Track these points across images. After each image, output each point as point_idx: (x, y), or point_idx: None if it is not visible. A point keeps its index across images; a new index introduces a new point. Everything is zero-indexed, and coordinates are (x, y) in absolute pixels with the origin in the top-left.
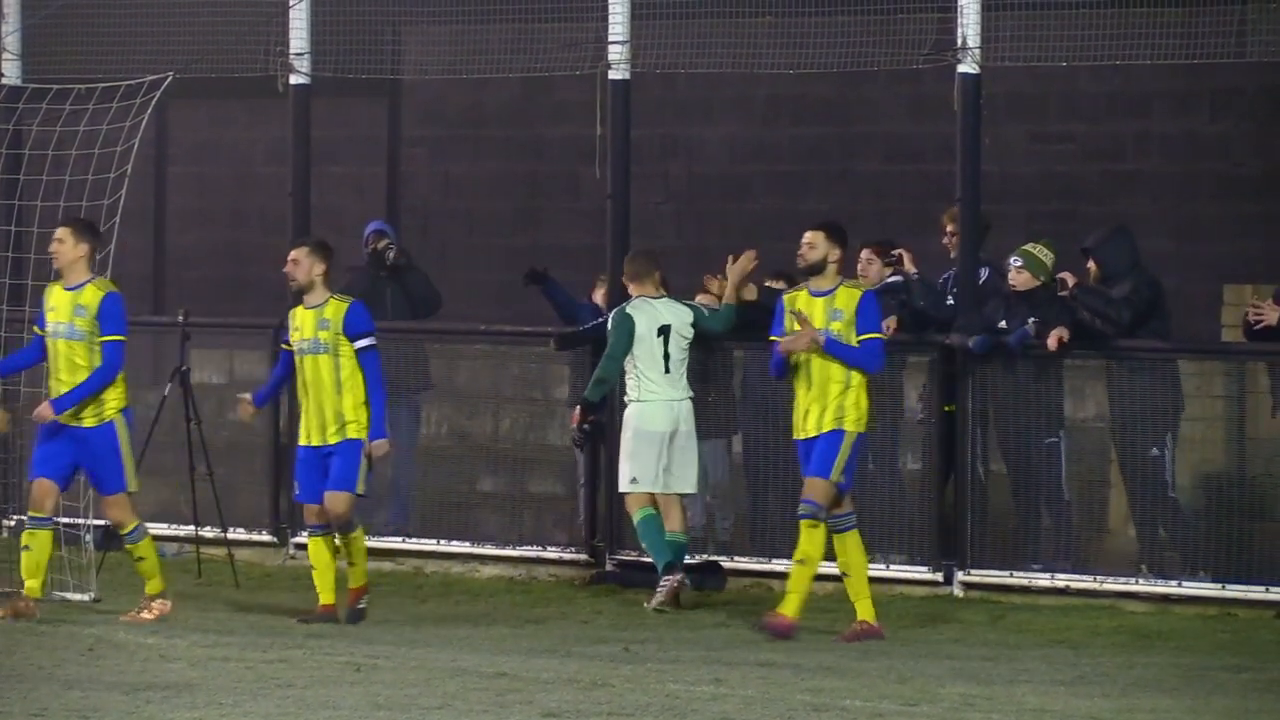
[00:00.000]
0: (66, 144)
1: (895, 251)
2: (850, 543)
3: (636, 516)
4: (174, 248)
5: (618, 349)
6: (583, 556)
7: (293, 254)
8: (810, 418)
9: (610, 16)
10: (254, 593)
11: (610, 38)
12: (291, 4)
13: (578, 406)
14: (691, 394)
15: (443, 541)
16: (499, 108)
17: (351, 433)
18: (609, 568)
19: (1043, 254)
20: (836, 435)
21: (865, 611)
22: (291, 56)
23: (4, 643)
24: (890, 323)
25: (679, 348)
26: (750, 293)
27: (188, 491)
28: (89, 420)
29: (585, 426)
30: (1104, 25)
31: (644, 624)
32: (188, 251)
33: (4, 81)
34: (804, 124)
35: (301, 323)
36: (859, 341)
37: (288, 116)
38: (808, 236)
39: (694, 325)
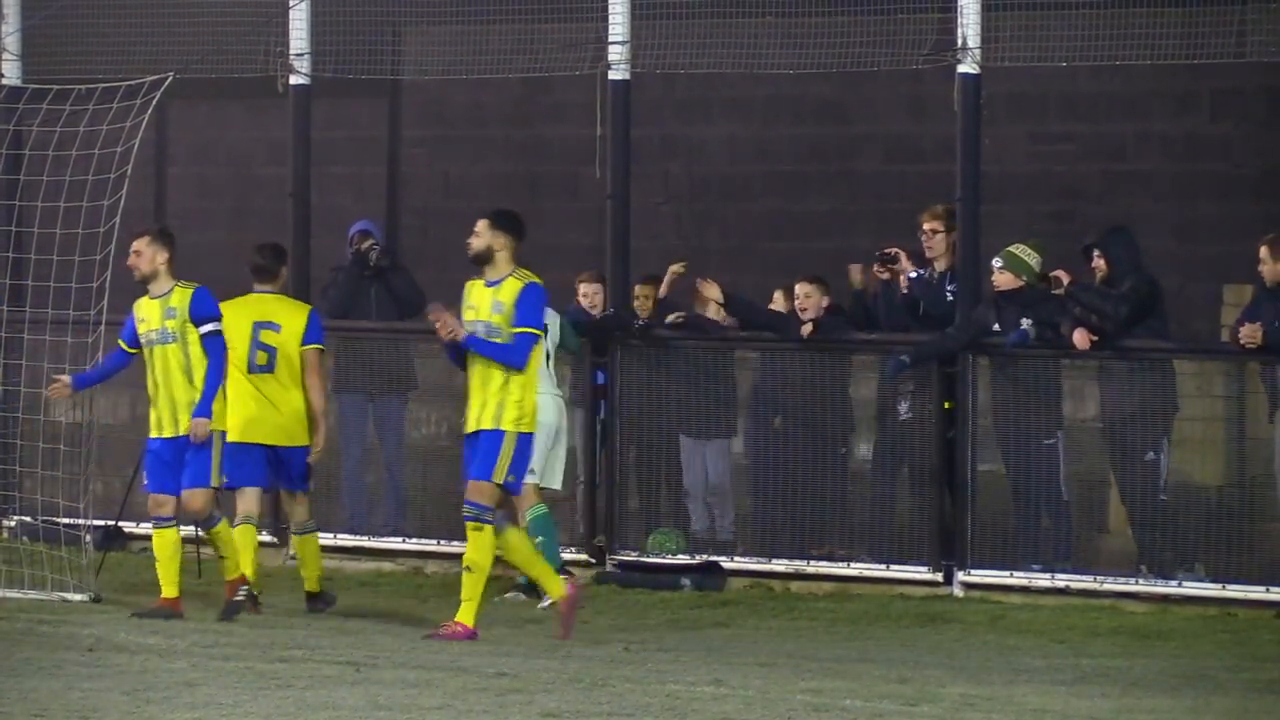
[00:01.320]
0: (67, 144)
1: (891, 250)
2: (484, 541)
3: (532, 514)
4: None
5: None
6: (583, 556)
7: (135, 244)
8: (472, 412)
9: (610, 17)
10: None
11: (610, 38)
12: (292, 5)
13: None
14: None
15: (442, 542)
16: (499, 108)
17: None
18: (609, 568)
19: (1026, 254)
20: (497, 435)
21: (466, 614)
22: (292, 57)
23: (4, 644)
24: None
25: (554, 345)
26: (712, 291)
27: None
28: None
29: None
30: (1103, 26)
31: (644, 624)
32: (188, 251)
33: (4, 82)
34: (804, 124)
35: (147, 313)
36: (512, 336)
37: (288, 117)
38: (476, 225)
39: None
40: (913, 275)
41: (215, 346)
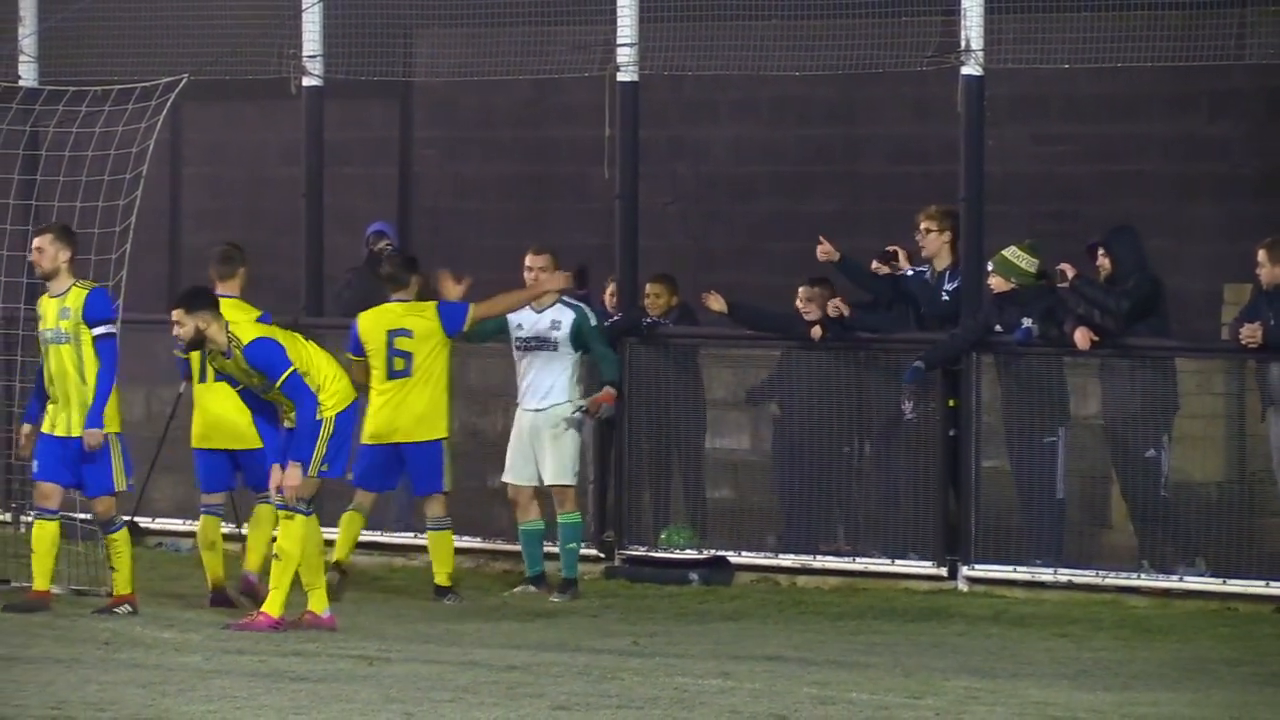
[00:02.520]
0: (83, 145)
1: (891, 248)
2: (294, 530)
3: (566, 519)
4: (189, 247)
5: None
6: (592, 551)
7: (36, 241)
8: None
9: (619, 19)
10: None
11: (619, 40)
12: (305, 7)
13: (608, 388)
14: None
15: (464, 537)
16: (509, 109)
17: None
18: (618, 563)
19: (1016, 257)
20: (317, 424)
21: (273, 604)
22: (305, 59)
23: (22, 637)
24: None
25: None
26: (717, 303)
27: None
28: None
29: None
30: (1104, 28)
31: (653, 618)
32: (202, 251)
33: (21, 83)
34: (809, 125)
35: (45, 311)
36: (93, 339)
37: (301, 118)
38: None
39: None
40: (909, 273)
41: (106, 349)
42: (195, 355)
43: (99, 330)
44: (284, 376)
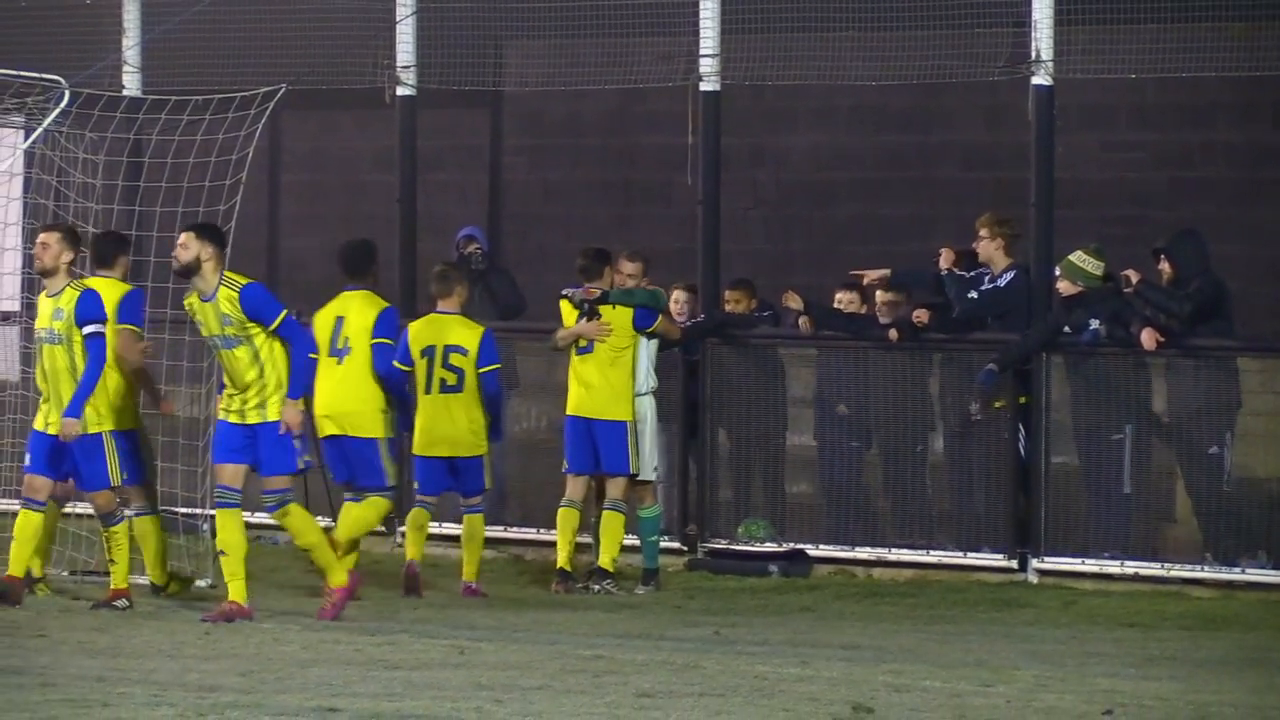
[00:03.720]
0: (184, 153)
1: (942, 250)
2: (228, 521)
3: (647, 513)
4: (286, 251)
5: None
6: (675, 544)
7: (42, 237)
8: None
9: (701, 31)
10: (363, 580)
11: (701, 51)
12: (399, 19)
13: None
14: None
15: (542, 530)
16: (595, 118)
17: (91, 426)
18: (701, 555)
19: (1083, 260)
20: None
21: (236, 592)
22: (399, 69)
23: (126, 626)
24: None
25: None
26: (795, 302)
27: (300, 483)
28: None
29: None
30: (1171, 39)
31: (733, 609)
32: (300, 255)
33: (125, 93)
34: (885, 133)
35: (41, 310)
36: (82, 338)
37: (395, 126)
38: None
39: None
40: (944, 273)
41: (95, 347)
42: (421, 367)
43: (89, 330)
44: (279, 318)
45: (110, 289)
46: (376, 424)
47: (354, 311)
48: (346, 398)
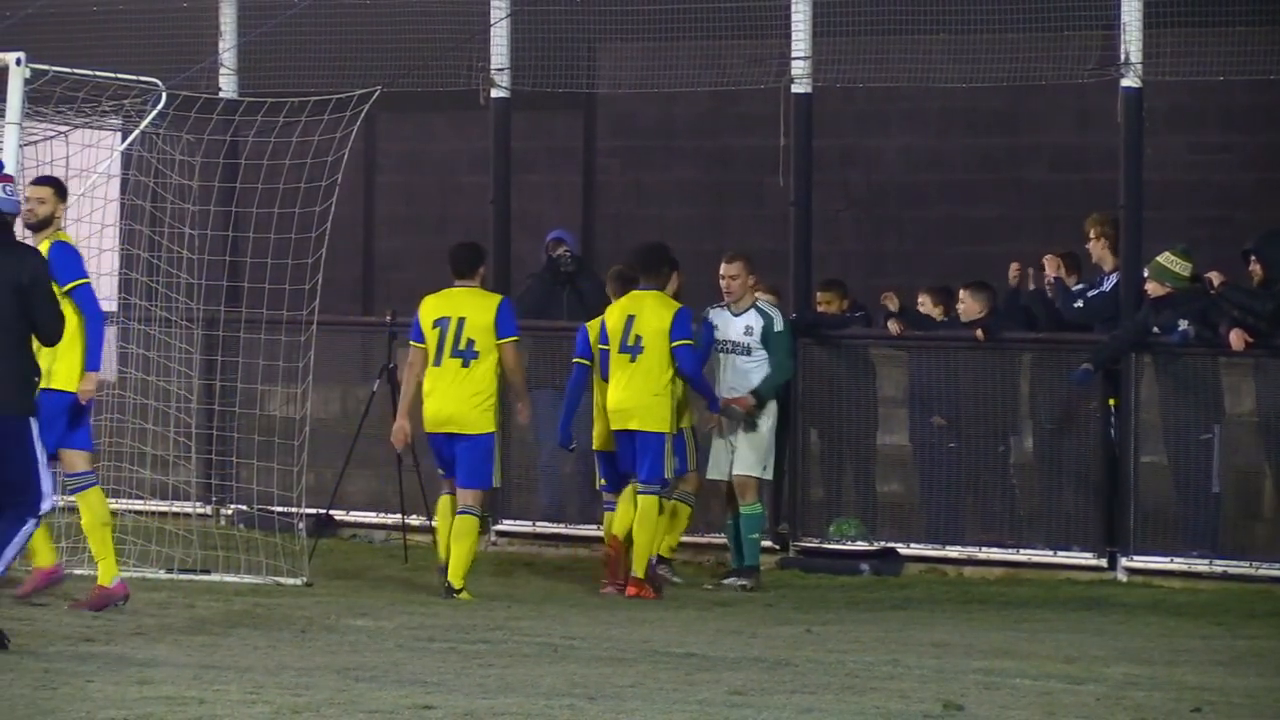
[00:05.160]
0: (280, 154)
1: (1046, 257)
2: (89, 501)
3: (748, 510)
4: (382, 252)
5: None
6: (767, 543)
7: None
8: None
9: (793, 34)
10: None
11: (793, 54)
12: (493, 22)
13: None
14: None
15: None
16: (688, 120)
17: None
18: (793, 554)
19: (1171, 262)
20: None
21: (105, 575)
22: (493, 72)
23: (223, 625)
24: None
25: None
26: (892, 302)
27: (395, 481)
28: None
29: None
30: (1259, 42)
31: (826, 606)
32: (395, 256)
33: (222, 95)
34: (975, 135)
35: None
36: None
37: (489, 128)
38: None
39: None
40: (1051, 280)
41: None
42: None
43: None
44: (74, 283)
45: (479, 300)
46: (664, 419)
47: (647, 311)
48: (637, 394)
